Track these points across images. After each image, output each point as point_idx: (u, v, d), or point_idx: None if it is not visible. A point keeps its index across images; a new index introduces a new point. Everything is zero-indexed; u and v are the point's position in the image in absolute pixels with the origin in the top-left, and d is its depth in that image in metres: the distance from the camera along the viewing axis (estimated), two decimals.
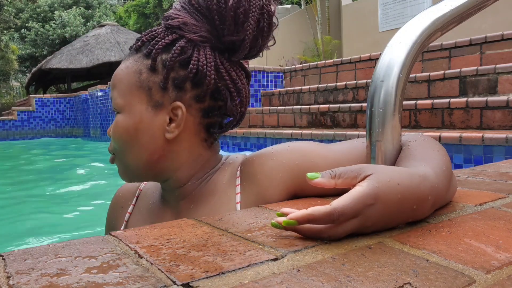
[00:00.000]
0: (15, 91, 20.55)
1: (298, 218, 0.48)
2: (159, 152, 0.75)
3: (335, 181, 0.51)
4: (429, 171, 0.55)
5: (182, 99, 0.74)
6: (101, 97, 9.89)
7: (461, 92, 3.22)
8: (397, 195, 0.50)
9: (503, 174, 0.91)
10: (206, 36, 0.73)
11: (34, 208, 3.38)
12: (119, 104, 0.76)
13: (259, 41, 0.76)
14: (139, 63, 0.75)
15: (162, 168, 0.77)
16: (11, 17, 17.54)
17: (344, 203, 0.48)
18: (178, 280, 0.39)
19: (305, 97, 4.75)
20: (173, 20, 0.74)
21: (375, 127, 0.64)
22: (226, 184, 0.77)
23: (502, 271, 0.41)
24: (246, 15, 0.71)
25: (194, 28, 0.73)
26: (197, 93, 0.74)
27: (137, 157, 0.76)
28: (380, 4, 7.09)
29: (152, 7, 19.96)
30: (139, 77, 0.74)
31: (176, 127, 0.74)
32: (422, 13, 0.68)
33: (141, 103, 0.74)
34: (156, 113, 0.74)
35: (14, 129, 11.43)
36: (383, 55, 0.66)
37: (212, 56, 0.74)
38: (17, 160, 7.51)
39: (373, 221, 0.50)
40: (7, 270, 0.42)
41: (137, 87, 0.74)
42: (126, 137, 0.75)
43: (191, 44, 0.73)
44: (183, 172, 0.77)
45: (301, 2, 8.82)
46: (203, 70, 0.72)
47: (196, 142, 0.77)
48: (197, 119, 0.76)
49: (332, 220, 0.48)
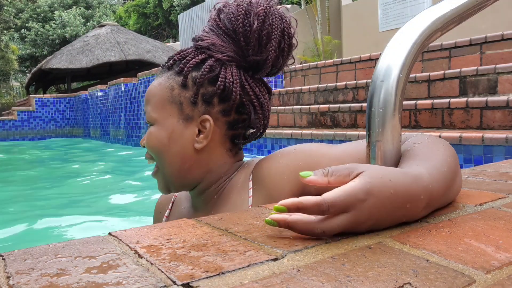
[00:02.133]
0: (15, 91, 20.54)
1: (287, 205, 0.49)
2: (189, 161, 0.84)
3: (327, 178, 0.52)
4: (423, 172, 0.55)
5: (210, 113, 0.82)
6: (101, 97, 9.88)
7: (461, 92, 3.22)
8: (390, 190, 0.50)
9: (503, 174, 0.91)
10: (232, 56, 0.82)
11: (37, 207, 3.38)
12: (153, 117, 0.84)
13: (280, 60, 0.84)
14: (171, 80, 0.84)
15: (192, 176, 0.85)
16: (11, 17, 17.54)
17: (334, 195, 0.48)
18: (178, 280, 0.39)
19: (305, 97, 4.75)
20: (203, 41, 0.83)
21: (375, 127, 0.64)
22: (240, 187, 0.84)
23: (502, 271, 0.41)
24: (269, 37, 0.80)
25: (221, 49, 0.81)
26: (223, 107, 0.82)
27: (171, 165, 0.84)
28: (380, 4, 7.08)
29: (152, 7, 19.96)
30: (171, 93, 0.83)
31: (205, 138, 0.82)
32: (422, 13, 0.68)
33: (173, 116, 0.83)
34: (187, 125, 0.83)
35: (14, 129, 11.43)
36: (383, 55, 0.66)
37: (238, 74, 0.82)
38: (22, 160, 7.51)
39: (367, 216, 0.49)
40: (7, 270, 0.42)
41: (169, 102, 0.83)
42: (160, 147, 0.83)
43: (219, 63, 0.82)
44: (209, 178, 0.86)
45: (301, 2, 8.82)
46: (229, 86, 0.81)
47: (222, 151, 0.86)
48: (223, 131, 0.84)
49: (322, 211, 0.48)
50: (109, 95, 9.30)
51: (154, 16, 20.42)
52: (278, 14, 0.82)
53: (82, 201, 3.66)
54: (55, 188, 4.31)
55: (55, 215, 3.07)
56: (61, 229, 2.71)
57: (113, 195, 3.80)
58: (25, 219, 2.98)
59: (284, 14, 0.84)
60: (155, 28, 20.91)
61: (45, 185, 4.48)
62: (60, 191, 4.15)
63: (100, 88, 9.96)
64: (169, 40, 19.23)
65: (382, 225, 0.52)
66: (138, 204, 3.43)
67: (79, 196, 3.84)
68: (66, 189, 4.22)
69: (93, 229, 2.67)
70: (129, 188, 4.16)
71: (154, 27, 20.90)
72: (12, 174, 5.50)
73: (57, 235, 2.60)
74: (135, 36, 15.11)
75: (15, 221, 2.96)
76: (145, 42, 14.69)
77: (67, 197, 3.81)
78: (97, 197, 3.77)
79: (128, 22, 21.87)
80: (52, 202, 3.55)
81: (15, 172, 5.73)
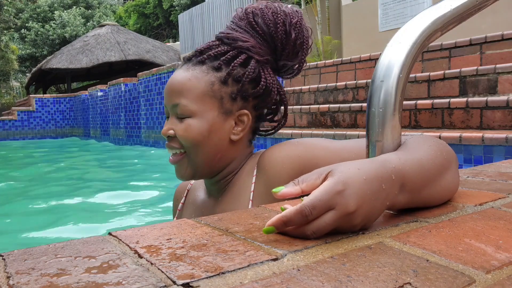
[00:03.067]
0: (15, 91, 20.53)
1: (274, 224, 0.51)
2: (223, 151, 0.90)
3: (299, 186, 0.53)
4: (391, 156, 0.57)
5: (246, 108, 0.90)
6: (101, 97, 9.88)
7: (461, 92, 3.22)
8: (362, 177, 0.51)
9: (503, 174, 0.91)
10: (269, 59, 0.90)
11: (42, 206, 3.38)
12: (192, 109, 0.87)
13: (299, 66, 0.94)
14: (209, 75, 0.88)
15: (220, 165, 0.92)
16: (11, 17, 17.53)
17: (312, 197, 0.49)
18: (178, 280, 0.39)
19: (305, 97, 4.74)
20: (243, 43, 0.88)
21: (375, 127, 0.64)
22: (246, 174, 0.91)
23: (502, 271, 0.41)
24: (301, 46, 0.90)
25: (260, 52, 0.89)
26: (256, 103, 0.91)
27: (206, 156, 0.89)
28: (380, 4, 7.08)
29: (152, 7, 19.95)
30: (211, 88, 0.88)
31: (242, 130, 0.90)
32: (422, 13, 0.68)
33: (213, 110, 0.88)
34: (226, 118, 0.89)
35: (14, 129, 11.43)
36: (383, 55, 0.66)
37: (274, 75, 0.91)
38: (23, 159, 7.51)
39: (353, 206, 0.49)
40: (7, 270, 0.42)
41: (210, 96, 0.88)
42: (200, 139, 0.87)
43: (258, 64, 0.89)
44: (231, 167, 0.93)
45: (301, 2, 8.82)
46: (269, 87, 0.89)
47: (246, 143, 0.94)
48: (252, 125, 0.93)
49: (306, 216, 0.49)
50: (109, 95, 9.30)
51: (154, 16, 20.41)
52: (305, 26, 0.92)
53: (82, 201, 3.66)
54: (55, 188, 4.31)
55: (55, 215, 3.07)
56: (61, 229, 2.71)
57: (113, 195, 3.80)
58: (25, 219, 2.98)
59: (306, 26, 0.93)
60: (155, 28, 20.90)
61: (45, 185, 4.48)
62: (60, 191, 4.15)
63: (100, 88, 9.96)
64: (169, 40, 19.22)
65: (373, 212, 0.52)
66: (138, 204, 3.43)
67: (79, 196, 3.84)
68: (66, 189, 4.22)
69: (93, 229, 2.67)
70: (129, 188, 4.16)
71: (154, 27, 20.89)
72: (12, 174, 5.50)
73: (57, 235, 2.60)
74: (135, 36, 15.10)
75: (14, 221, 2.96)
76: (145, 42, 14.69)
77: (67, 197, 3.81)
78: (97, 197, 3.77)
79: (128, 22, 21.86)
80: (52, 202, 3.55)
81: (15, 172, 5.73)
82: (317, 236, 0.50)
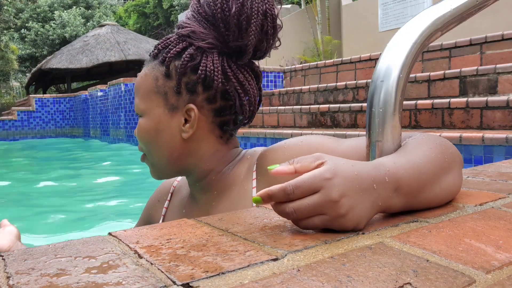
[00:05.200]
0: (15, 91, 20.53)
1: (261, 195, 0.52)
2: (178, 150, 0.83)
3: (293, 166, 0.53)
4: (385, 160, 0.57)
5: (195, 102, 0.81)
6: (101, 97, 9.88)
7: (461, 92, 3.22)
8: (354, 172, 0.51)
9: (503, 174, 0.91)
10: (213, 43, 0.80)
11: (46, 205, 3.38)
12: (141, 108, 0.84)
13: (264, 44, 0.81)
14: (155, 70, 0.83)
15: (183, 164, 0.85)
16: (11, 17, 17.53)
17: (299, 178, 0.50)
18: (178, 280, 0.39)
19: (305, 97, 4.74)
20: (184, 29, 0.81)
21: (375, 127, 0.64)
22: (244, 177, 0.83)
23: (502, 271, 0.41)
24: (249, 21, 0.77)
25: (202, 36, 0.79)
26: (208, 95, 0.81)
27: (159, 155, 0.84)
28: (380, 4, 7.08)
29: (152, 7, 19.95)
30: (156, 83, 0.82)
31: (190, 127, 0.82)
32: (422, 13, 0.68)
33: (159, 106, 0.82)
34: (173, 115, 0.82)
35: (14, 129, 11.43)
36: (383, 55, 0.66)
37: (219, 61, 0.80)
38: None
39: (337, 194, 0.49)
40: (7, 270, 0.42)
41: (154, 92, 0.83)
42: (148, 138, 0.84)
43: (200, 51, 0.80)
44: (203, 167, 0.85)
45: (301, 2, 8.82)
46: (210, 74, 0.79)
47: (212, 139, 0.84)
48: (209, 119, 0.83)
49: (288, 194, 0.50)
50: (109, 95, 9.30)
51: (154, 16, 20.41)
52: None
53: (82, 201, 3.66)
54: (54, 188, 4.31)
55: (55, 215, 3.07)
56: (61, 229, 2.71)
57: (113, 195, 3.80)
58: (25, 219, 2.98)
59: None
60: (155, 28, 20.90)
61: (45, 185, 4.48)
62: (60, 191, 4.15)
63: (100, 88, 9.96)
64: None
65: (361, 210, 0.51)
66: (138, 204, 3.43)
67: (79, 196, 3.84)
68: (65, 189, 4.22)
69: (93, 229, 2.67)
70: (129, 188, 4.16)
71: (154, 27, 20.89)
72: (11, 174, 5.50)
73: (57, 235, 2.60)
74: (135, 36, 15.10)
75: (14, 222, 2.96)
76: (145, 42, 14.69)
77: (67, 197, 3.81)
78: (97, 197, 3.77)
79: (128, 22, 21.86)
80: (52, 202, 3.55)
81: (14, 172, 5.73)
82: (297, 216, 0.50)
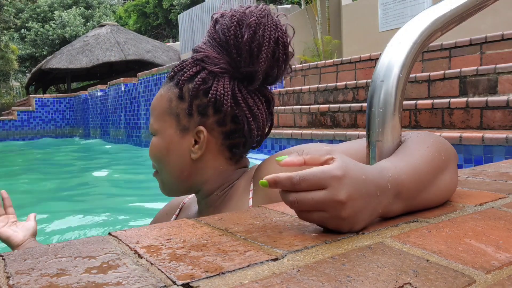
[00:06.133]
0: (15, 91, 20.52)
1: (268, 180, 0.51)
2: (187, 169, 0.87)
3: (303, 157, 0.53)
4: (387, 164, 0.57)
5: (205, 124, 0.84)
6: (101, 97, 9.88)
7: (461, 92, 3.22)
8: (362, 175, 0.51)
9: (503, 174, 0.91)
10: (225, 68, 0.83)
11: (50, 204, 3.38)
12: (154, 128, 0.88)
13: (275, 70, 0.84)
14: (170, 91, 0.87)
15: (192, 183, 0.89)
16: (11, 17, 17.52)
17: (308, 170, 0.50)
18: (178, 280, 0.39)
19: (305, 97, 4.74)
20: (198, 54, 0.84)
21: (375, 127, 0.64)
22: (242, 190, 0.85)
23: (502, 271, 0.41)
24: (260, 48, 0.79)
25: (215, 61, 0.82)
26: (218, 118, 0.84)
27: (169, 173, 0.88)
28: (380, 4, 7.08)
29: (152, 7, 19.94)
30: (169, 105, 0.86)
31: (199, 148, 0.85)
32: (422, 13, 0.68)
33: (171, 127, 0.86)
34: (183, 136, 0.85)
35: (14, 129, 11.43)
36: (383, 55, 0.66)
37: (230, 86, 0.83)
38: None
39: (344, 196, 0.48)
40: (7, 270, 0.42)
41: (168, 113, 0.86)
42: (159, 157, 0.88)
43: (212, 75, 0.83)
44: (209, 185, 0.88)
45: (301, 2, 8.82)
46: (220, 98, 0.82)
47: (221, 160, 0.87)
48: (219, 141, 0.86)
49: (293, 184, 0.49)
50: (109, 95, 9.30)
51: (154, 16, 20.40)
52: (272, 23, 0.81)
53: (82, 201, 3.66)
54: (54, 188, 4.31)
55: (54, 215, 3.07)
56: (61, 229, 2.71)
57: (113, 195, 3.80)
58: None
59: (279, 23, 0.82)
60: (155, 28, 20.90)
61: (44, 185, 4.48)
62: (60, 191, 4.15)
63: (100, 88, 9.96)
64: (169, 40, 19.21)
65: (362, 214, 0.51)
66: (138, 204, 3.43)
67: (79, 196, 3.84)
68: (65, 189, 4.22)
69: (93, 229, 2.67)
70: (129, 188, 4.16)
71: (154, 27, 20.89)
72: (11, 174, 5.50)
73: (57, 235, 2.60)
74: (135, 36, 15.09)
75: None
76: (145, 42, 14.69)
77: (67, 197, 3.81)
78: (97, 197, 3.77)
79: (128, 22, 21.85)
80: (51, 202, 3.55)
81: (13, 172, 5.73)
82: (298, 207, 0.50)
